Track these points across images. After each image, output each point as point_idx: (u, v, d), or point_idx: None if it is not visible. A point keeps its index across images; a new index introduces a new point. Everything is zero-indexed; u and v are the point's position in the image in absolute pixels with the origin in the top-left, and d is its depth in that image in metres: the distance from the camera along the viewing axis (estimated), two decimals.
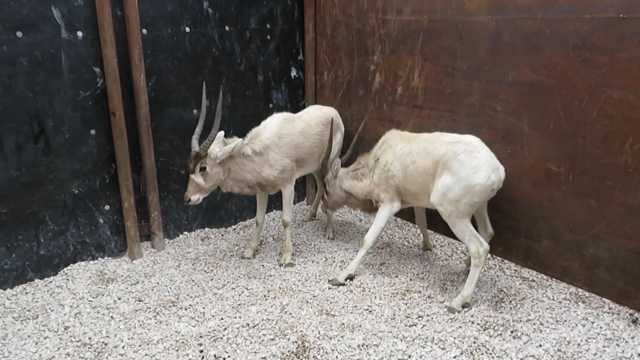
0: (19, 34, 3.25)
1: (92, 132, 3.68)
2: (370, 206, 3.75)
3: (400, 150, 3.46)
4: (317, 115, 4.03)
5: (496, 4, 3.44)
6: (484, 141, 3.54)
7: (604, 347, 2.84)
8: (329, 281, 3.58)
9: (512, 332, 2.98)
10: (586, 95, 3.12)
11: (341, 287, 3.52)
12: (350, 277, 3.59)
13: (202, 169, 3.38)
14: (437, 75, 3.92)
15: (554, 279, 3.52)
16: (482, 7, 3.52)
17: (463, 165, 3.06)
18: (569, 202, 3.34)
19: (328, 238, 4.30)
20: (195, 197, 3.44)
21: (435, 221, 4.25)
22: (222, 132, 3.47)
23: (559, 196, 3.38)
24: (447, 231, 4.19)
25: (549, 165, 3.39)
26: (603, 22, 2.98)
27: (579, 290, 3.38)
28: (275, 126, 3.70)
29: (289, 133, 3.72)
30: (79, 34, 3.47)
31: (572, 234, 3.36)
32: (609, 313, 3.15)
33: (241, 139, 3.53)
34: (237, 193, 3.70)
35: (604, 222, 3.20)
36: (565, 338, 2.91)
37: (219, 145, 3.43)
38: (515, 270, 3.67)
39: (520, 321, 3.08)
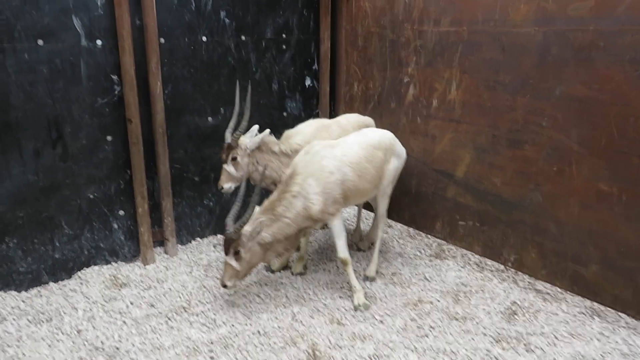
0: (40, 42, 3.32)
1: (109, 138, 3.73)
2: (298, 238, 3.39)
3: (343, 154, 3.31)
4: (355, 121, 4.05)
5: (544, 15, 3.29)
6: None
7: None
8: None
9: (525, 345, 2.94)
10: None
11: (351, 296, 3.50)
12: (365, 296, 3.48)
13: (234, 159, 3.58)
14: (477, 89, 3.78)
15: (568, 292, 3.46)
16: (528, 19, 3.38)
17: (400, 145, 3.72)
18: (621, 226, 3.13)
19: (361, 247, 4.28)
20: (228, 186, 3.65)
21: (450, 229, 4.21)
22: (256, 126, 3.68)
23: (611, 219, 3.17)
24: (463, 244, 4.16)
25: (599, 185, 3.19)
26: None
27: (594, 304, 3.32)
28: (309, 132, 3.77)
29: (323, 140, 3.74)
30: (99, 42, 3.54)
31: (625, 259, 3.15)
32: (625, 328, 3.09)
33: (268, 130, 3.68)
34: (264, 187, 3.77)
35: None
36: (580, 352, 2.86)
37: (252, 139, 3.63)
38: (529, 282, 3.63)
39: (534, 334, 3.04)
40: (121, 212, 3.91)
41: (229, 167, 3.60)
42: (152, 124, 3.86)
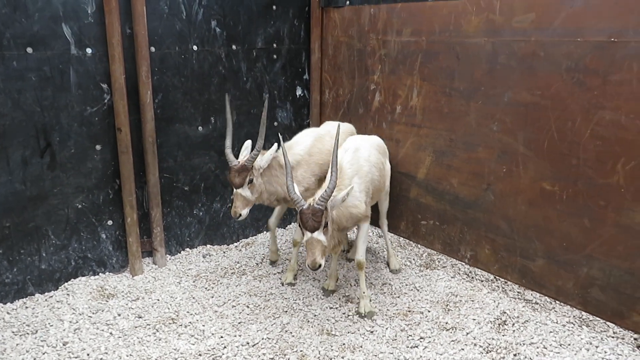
0: (29, 49, 3.30)
1: (98, 147, 3.71)
2: (341, 239, 3.31)
3: (369, 156, 3.54)
4: (343, 131, 4.04)
5: (492, 26, 3.53)
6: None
7: None
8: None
9: (515, 355, 2.95)
10: (579, 117, 3.18)
11: (341, 306, 3.49)
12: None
13: (250, 182, 3.36)
14: (435, 95, 3.99)
15: (557, 301, 3.49)
16: (479, 30, 3.61)
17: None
18: (563, 222, 3.37)
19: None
20: (245, 212, 3.40)
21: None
22: (248, 142, 3.59)
23: (554, 215, 3.41)
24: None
25: (543, 184, 3.42)
26: (595, 46, 3.05)
27: (583, 313, 3.35)
28: (308, 143, 3.74)
29: (319, 151, 3.75)
30: (88, 50, 3.53)
31: (567, 253, 3.38)
32: (613, 337, 3.11)
33: (277, 145, 3.48)
34: (267, 205, 3.69)
35: (598, 242, 3.21)
36: None
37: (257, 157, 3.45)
38: (518, 292, 3.64)
39: (524, 344, 3.05)
40: (109, 222, 3.87)
41: (244, 192, 3.33)
42: (142, 133, 3.84)
